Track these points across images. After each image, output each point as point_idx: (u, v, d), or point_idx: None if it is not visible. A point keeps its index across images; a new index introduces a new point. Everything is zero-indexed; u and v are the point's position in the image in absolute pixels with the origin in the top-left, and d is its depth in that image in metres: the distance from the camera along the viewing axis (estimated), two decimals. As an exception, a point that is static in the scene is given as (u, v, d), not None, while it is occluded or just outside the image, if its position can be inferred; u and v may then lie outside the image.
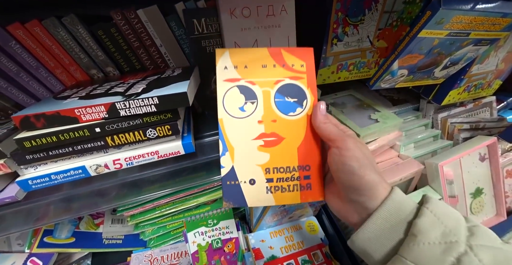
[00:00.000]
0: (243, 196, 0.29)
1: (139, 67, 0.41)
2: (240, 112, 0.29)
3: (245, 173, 0.29)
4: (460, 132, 0.59)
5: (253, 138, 0.29)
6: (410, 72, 0.44)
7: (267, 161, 0.29)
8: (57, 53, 0.36)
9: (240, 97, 0.29)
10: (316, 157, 0.30)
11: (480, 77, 0.56)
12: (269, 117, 0.29)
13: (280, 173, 0.29)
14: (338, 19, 0.46)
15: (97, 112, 0.27)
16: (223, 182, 0.29)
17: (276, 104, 0.30)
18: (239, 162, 0.29)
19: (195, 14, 0.37)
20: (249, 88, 0.30)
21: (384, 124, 0.53)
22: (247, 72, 0.30)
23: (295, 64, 0.31)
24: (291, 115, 0.30)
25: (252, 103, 0.29)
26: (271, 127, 0.29)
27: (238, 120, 0.29)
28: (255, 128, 0.29)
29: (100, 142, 0.29)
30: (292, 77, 0.30)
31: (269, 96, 0.30)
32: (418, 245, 0.22)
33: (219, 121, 0.29)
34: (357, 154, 0.25)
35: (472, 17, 0.34)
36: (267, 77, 0.30)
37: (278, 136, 0.29)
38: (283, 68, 0.30)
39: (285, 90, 0.30)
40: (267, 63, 0.30)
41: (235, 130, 0.29)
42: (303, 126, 0.30)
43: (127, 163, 0.32)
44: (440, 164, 0.47)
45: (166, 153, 0.33)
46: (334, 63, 0.52)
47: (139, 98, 0.27)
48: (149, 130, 0.30)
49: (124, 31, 0.37)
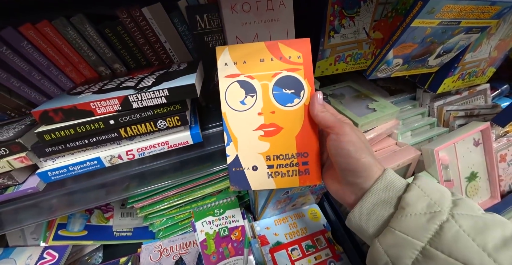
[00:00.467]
0: (247, 181, 0.32)
1: (144, 63, 0.43)
2: (241, 105, 0.32)
3: (248, 160, 0.32)
4: (455, 119, 0.61)
5: (254, 129, 0.31)
6: (405, 61, 0.46)
7: (268, 149, 0.32)
8: (66, 52, 0.38)
9: (240, 92, 0.32)
10: (313, 145, 0.32)
11: (474, 65, 0.57)
12: (268, 109, 0.31)
13: (279, 160, 0.32)
14: (334, 11, 0.48)
15: (111, 105, 0.29)
16: (229, 169, 0.32)
17: (275, 96, 0.32)
18: (242, 151, 0.32)
19: (197, 10, 0.38)
20: (248, 83, 0.32)
21: (382, 113, 0.55)
22: (246, 67, 0.32)
23: (292, 56, 0.32)
24: (289, 106, 0.31)
25: (252, 97, 0.31)
26: (270, 118, 0.31)
27: (239, 113, 0.32)
28: (255, 119, 0.31)
29: (114, 133, 0.31)
30: (289, 69, 0.32)
31: (267, 89, 0.32)
32: (405, 216, 0.24)
33: (222, 115, 0.31)
34: (353, 138, 0.27)
35: (462, 6, 0.36)
36: (265, 71, 0.32)
37: (277, 126, 0.31)
38: (280, 61, 0.32)
39: (282, 82, 0.32)
40: (264, 57, 0.32)
41: (237, 122, 0.31)
42: (301, 116, 0.31)
43: (139, 153, 0.34)
44: (435, 150, 0.49)
45: (176, 143, 0.34)
46: (331, 55, 0.54)
47: (150, 91, 0.29)
48: (160, 121, 0.32)
49: (130, 29, 0.38)
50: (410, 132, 0.61)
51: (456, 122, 0.61)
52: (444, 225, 0.22)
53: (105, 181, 0.37)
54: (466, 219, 0.22)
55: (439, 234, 0.22)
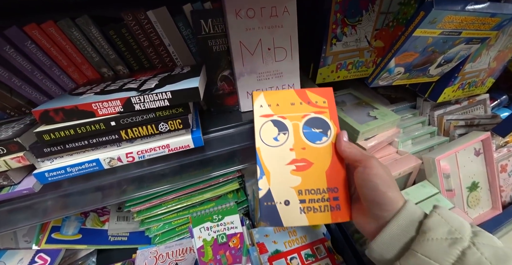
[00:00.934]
0: (279, 216, 0.32)
1: (148, 65, 0.43)
2: (275, 141, 0.34)
3: (280, 194, 0.32)
4: (456, 129, 0.61)
5: (286, 163, 0.33)
6: (406, 70, 0.46)
7: (299, 183, 0.33)
8: (70, 52, 0.38)
9: (274, 129, 0.35)
10: (342, 180, 0.33)
11: (474, 75, 0.58)
12: (299, 145, 0.34)
13: (311, 194, 0.32)
14: (337, 19, 0.48)
15: (113, 106, 0.29)
16: (260, 203, 0.32)
17: (305, 134, 0.35)
18: (275, 185, 0.32)
19: (202, 15, 0.38)
20: (281, 122, 0.35)
21: (382, 121, 0.55)
22: (279, 109, 0.36)
23: (318, 101, 0.37)
24: (318, 143, 0.34)
25: (284, 134, 0.34)
26: (301, 153, 0.34)
27: (273, 148, 0.34)
28: (287, 155, 0.34)
29: (115, 135, 0.31)
30: (316, 111, 0.36)
31: (298, 128, 0.35)
32: (427, 240, 0.24)
33: (256, 150, 0.33)
34: (380, 172, 0.29)
35: (463, 17, 0.37)
36: (295, 112, 0.36)
37: (308, 162, 0.33)
38: (308, 105, 0.37)
39: (311, 122, 0.35)
40: (294, 101, 0.37)
41: (270, 156, 0.33)
42: (329, 153, 0.34)
43: (139, 156, 0.33)
44: (437, 159, 0.49)
45: (177, 146, 0.34)
46: (333, 62, 0.54)
47: (154, 93, 0.29)
48: (161, 124, 0.31)
49: (135, 31, 0.38)
50: (410, 141, 0.61)
51: (457, 131, 0.61)
52: (466, 251, 0.23)
53: (102, 184, 0.37)
54: (488, 248, 0.23)
55: (461, 259, 0.23)
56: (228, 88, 0.45)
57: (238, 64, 0.42)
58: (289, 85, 0.48)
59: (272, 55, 0.44)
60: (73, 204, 0.39)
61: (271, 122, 0.35)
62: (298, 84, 0.48)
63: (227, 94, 0.46)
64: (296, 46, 0.45)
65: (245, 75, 0.44)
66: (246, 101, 0.46)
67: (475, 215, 0.54)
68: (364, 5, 0.49)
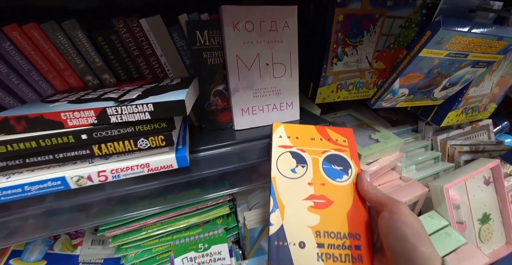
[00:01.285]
0: (291, 260, 0.27)
1: (137, 76, 0.40)
2: (292, 173, 0.32)
3: (295, 233, 0.28)
4: (461, 155, 0.58)
5: (303, 198, 0.30)
6: (410, 92, 0.44)
7: (318, 223, 0.29)
8: (52, 57, 0.35)
9: (292, 161, 0.33)
10: (365, 226, 0.29)
11: (477, 100, 0.56)
12: (318, 180, 0.32)
13: (331, 238, 0.28)
14: (338, 39, 0.47)
15: (85, 117, 0.25)
16: (270, 242, 0.28)
17: (324, 170, 0.33)
18: (289, 221, 0.29)
19: (198, 25, 0.36)
20: (300, 154, 0.34)
21: (385, 144, 0.52)
22: (298, 141, 0.35)
23: (338, 139, 0.36)
24: (338, 181, 0.32)
25: (303, 167, 0.33)
26: (320, 189, 0.31)
27: (289, 180, 0.32)
28: (305, 189, 0.31)
29: (86, 150, 0.27)
30: (336, 149, 0.35)
31: (317, 162, 0.33)
32: None
33: (271, 179, 0.31)
34: (410, 219, 0.24)
35: (470, 39, 0.35)
36: (315, 147, 0.35)
37: (327, 199, 0.30)
38: (328, 142, 0.36)
39: (331, 158, 0.34)
40: (314, 137, 0.36)
41: (286, 188, 0.31)
42: (350, 193, 0.31)
43: (113, 175, 0.29)
44: (445, 187, 0.45)
45: (158, 166, 0.30)
46: (334, 82, 0.52)
47: (133, 104, 0.25)
48: (141, 139, 0.27)
49: (125, 39, 0.36)
50: (414, 166, 0.58)
51: (462, 157, 0.58)
52: None
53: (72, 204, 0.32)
54: None
55: None
56: (221, 104, 0.42)
57: (234, 78, 0.40)
58: (287, 103, 0.45)
59: (270, 71, 0.42)
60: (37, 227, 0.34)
61: (290, 153, 0.34)
62: (297, 103, 0.46)
63: (220, 110, 0.43)
64: (296, 63, 0.43)
65: (241, 90, 0.41)
66: (240, 118, 0.43)
67: (488, 250, 0.49)
68: (365, 26, 0.48)
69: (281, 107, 0.45)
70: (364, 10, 0.46)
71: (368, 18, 0.47)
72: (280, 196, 0.30)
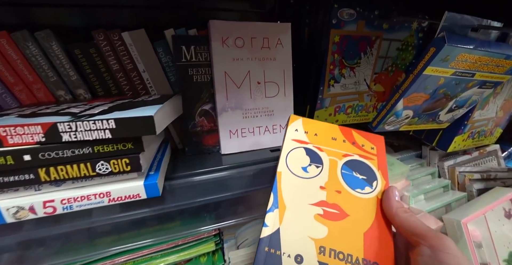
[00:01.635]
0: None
1: (116, 92, 0.36)
2: (303, 172, 0.27)
3: (292, 243, 0.22)
4: (472, 183, 0.53)
5: (311, 202, 0.25)
6: (415, 114, 0.41)
7: (324, 236, 0.23)
8: (20, 68, 0.32)
9: (305, 158, 0.28)
10: (386, 255, 0.23)
11: (483, 124, 0.53)
12: (333, 186, 0.27)
13: (338, 260, 0.22)
14: (334, 60, 0.45)
15: (30, 134, 0.21)
16: (259, 247, 0.22)
17: (343, 175, 0.28)
18: (288, 226, 0.23)
19: (184, 40, 0.34)
20: (316, 153, 0.29)
21: (390, 171, 0.47)
22: (317, 139, 0.30)
23: (365, 145, 0.31)
24: (358, 192, 0.26)
25: (317, 167, 0.28)
26: (334, 197, 0.26)
27: (298, 179, 0.26)
28: (315, 192, 0.26)
29: (29, 175, 0.22)
30: (361, 155, 0.29)
31: (335, 165, 0.28)
32: None
33: (277, 174, 0.26)
34: (461, 261, 0.19)
35: (477, 57, 0.33)
36: (336, 148, 0.30)
37: (341, 210, 0.25)
38: (353, 145, 0.30)
39: (353, 165, 0.28)
40: (337, 137, 0.31)
41: (292, 187, 0.26)
42: (372, 209, 0.25)
43: (64, 206, 0.23)
44: (463, 222, 0.39)
45: (121, 195, 0.25)
46: (331, 105, 0.50)
47: (91, 120, 0.21)
48: (101, 162, 0.23)
49: (105, 53, 0.33)
50: (423, 196, 0.52)
51: (474, 186, 0.53)
52: None
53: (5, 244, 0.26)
54: None
55: None
56: (208, 125, 0.38)
57: (221, 97, 0.36)
58: (281, 125, 0.41)
59: (262, 90, 0.38)
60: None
61: (304, 149, 0.29)
62: (291, 125, 0.42)
63: (206, 132, 0.38)
64: (290, 82, 0.40)
65: (229, 110, 0.37)
66: (228, 141, 0.38)
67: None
68: (362, 47, 0.47)
69: (274, 130, 0.41)
70: (360, 32, 0.45)
71: (364, 40, 0.46)
72: (284, 195, 0.25)
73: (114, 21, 0.40)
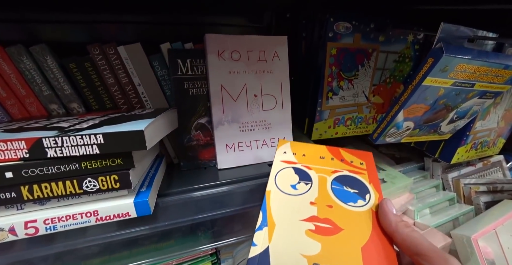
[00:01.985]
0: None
1: (110, 106, 0.36)
2: (292, 189, 0.27)
3: (283, 262, 0.21)
4: (479, 195, 0.51)
5: (302, 218, 0.24)
6: (416, 125, 0.40)
7: (317, 253, 0.22)
8: (13, 83, 0.31)
9: (294, 177, 0.28)
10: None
11: (485, 135, 0.53)
12: (324, 201, 0.26)
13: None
14: (332, 72, 0.45)
15: (14, 150, 0.20)
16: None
17: (333, 190, 0.27)
18: (278, 244, 0.22)
19: (180, 54, 0.34)
20: (304, 171, 0.29)
21: (393, 185, 0.45)
22: (305, 159, 0.31)
23: (354, 161, 0.31)
24: (351, 205, 0.26)
25: (306, 184, 0.28)
26: (325, 212, 0.25)
27: (287, 196, 0.26)
28: (306, 208, 0.25)
29: (11, 193, 0.20)
30: (351, 170, 0.30)
31: (325, 181, 0.28)
32: None
33: (266, 193, 0.26)
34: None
35: (476, 67, 0.32)
36: (324, 166, 0.30)
37: (334, 225, 0.24)
38: (341, 162, 0.31)
39: (343, 179, 0.29)
40: (325, 156, 0.32)
41: (282, 205, 0.25)
42: (368, 222, 0.25)
43: (47, 227, 0.22)
44: (473, 238, 0.37)
45: (110, 214, 0.23)
46: (330, 117, 0.49)
47: (78, 134, 0.20)
48: (88, 179, 0.21)
49: (100, 66, 0.33)
50: (428, 210, 0.50)
51: (481, 199, 0.51)
52: None
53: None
54: None
55: None
56: (204, 139, 0.37)
57: (217, 110, 0.36)
58: (279, 138, 0.40)
59: (259, 103, 0.38)
60: None
61: (292, 169, 0.29)
62: (290, 138, 0.41)
63: (202, 146, 0.37)
64: (287, 94, 0.39)
65: (225, 123, 0.36)
66: (224, 155, 0.37)
67: None
68: (359, 60, 0.47)
69: (272, 143, 0.40)
70: (357, 45, 0.45)
71: (361, 52, 0.46)
72: (273, 213, 0.24)
73: (110, 36, 0.40)
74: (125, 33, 0.41)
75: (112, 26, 0.41)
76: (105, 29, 0.40)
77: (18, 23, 0.37)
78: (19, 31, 0.37)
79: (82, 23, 0.39)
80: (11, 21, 0.37)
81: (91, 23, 0.39)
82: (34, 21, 0.37)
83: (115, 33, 0.41)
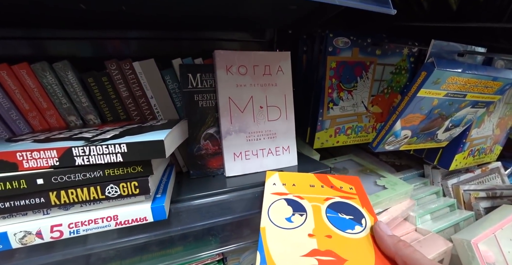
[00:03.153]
0: None
1: (124, 117, 0.38)
2: (287, 222, 0.27)
3: None
4: (479, 201, 0.53)
5: (303, 254, 0.23)
6: (413, 134, 0.42)
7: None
8: (36, 96, 0.33)
9: (287, 209, 0.28)
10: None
11: (481, 142, 0.55)
12: (322, 231, 0.26)
13: None
14: (332, 84, 0.48)
15: (45, 158, 0.21)
16: None
17: (329, 219, 0.27)
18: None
19: (190, 68, 0.36)
20: (297, 202, 0.29)
21: (394, 191, 0.47)
22: (295, 189, 0.31)
23: (343, 187, 0.32)
24: (349, 233, 0.26)
25: (301, 215, 0.27)
26: (325, 243, 0.24)
27: (284, 231, 0.26)
28: (305, 242, 0.24)
29: (40, 198, 0.22)
30: (342, 196, 0.30)
31: (319, 210, 0.28)
32: None
33: (260, 230, 0.26)
34: None
35: (466, 79, 0.35)
36: (315, 194, 0.30)
37: (337, 256, 0.23)
38: (332, 189, 0.31)
39: (337, 206, 0.29)
40: (314, 184, 0.32)
41: (279, 241, 0.24)
42: (369, 248, 0.24)
43: (71, 230, 0.23)
44: (473, 242, 0.38)
45: (128, 219, 0.25)
46: (331, 126, 0.51)
47: (104, 144, 0.22)
48: (110, 186, 0.23)
49: (116, 81, 0.35)
50: (429, 215, 0.51)
51: (481, 204, 0.52)
52: None
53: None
54: None
55: None
56: (212, 148, 0.39)
57: (225, 121, 0.38)
58: (283, 147, 0.42)
59: (264, 114, 0.40)
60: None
61: (285, 200, 0.29)
62: (294, 147, 0.43)
63: (211, 155, 0.39)
64: (291, 106, 0.42)
65: (233, 134, 0.38)
66: (232, 163, 0.39)
67: None
68: (358, 72, 0.49)
69: (277, 152, 0.42)
70: (355, 58, 0.48)
71: (359, 65, 0.49)
72: (271, 251, 0.23)
73: (123, 52, 0.43)
74: (135, 49, 0.44)
75: (126, 42, 0.44)
76: (119, 45, 0.43)
77: (41, 40, 0.40)
78: (40, 48, 0.40)
79: (95, 39, 0.42)
80: (33, 38, 0.40)
81: (104, 39, 0.42)
82: (54, 38, 0.40)
83: (125, 48, 0.44)
